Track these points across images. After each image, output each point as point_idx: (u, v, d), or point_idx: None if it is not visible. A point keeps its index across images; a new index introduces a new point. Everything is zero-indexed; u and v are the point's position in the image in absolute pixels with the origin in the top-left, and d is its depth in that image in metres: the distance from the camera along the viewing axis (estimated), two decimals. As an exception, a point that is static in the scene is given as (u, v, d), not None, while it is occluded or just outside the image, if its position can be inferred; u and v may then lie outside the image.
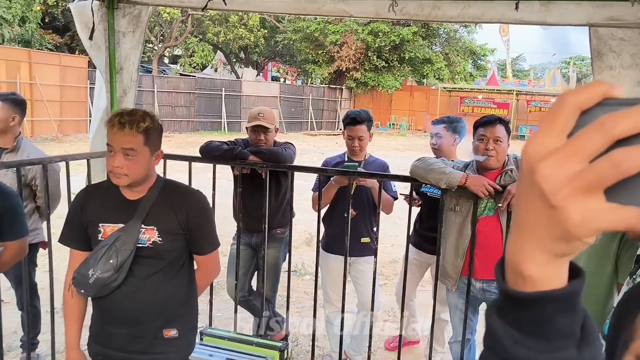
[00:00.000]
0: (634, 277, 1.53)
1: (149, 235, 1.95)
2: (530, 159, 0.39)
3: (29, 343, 3.20)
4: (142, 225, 1.95)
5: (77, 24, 3.22)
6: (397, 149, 19.43)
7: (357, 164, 3.27)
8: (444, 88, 28.94)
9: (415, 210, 3.56)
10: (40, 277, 3.53)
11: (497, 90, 28.30)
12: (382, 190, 3.12)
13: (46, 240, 3.21)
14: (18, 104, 3.36)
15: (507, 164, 2.93)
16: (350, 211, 3.12)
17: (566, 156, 0.37)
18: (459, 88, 29.47)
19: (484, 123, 2.91)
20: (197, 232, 2.03)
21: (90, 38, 3.15)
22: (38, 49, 20.82)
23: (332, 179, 3.29)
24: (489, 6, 2.78)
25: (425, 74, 30.10)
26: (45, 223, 3.23)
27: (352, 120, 3.40)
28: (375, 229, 3.34)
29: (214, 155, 3.30)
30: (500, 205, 2.79)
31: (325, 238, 3.50)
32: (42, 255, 3.44)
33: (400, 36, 27.26)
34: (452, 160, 3.14)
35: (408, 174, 2.97)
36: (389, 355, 3.88)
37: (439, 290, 3.08)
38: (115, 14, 3.19)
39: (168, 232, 1.97)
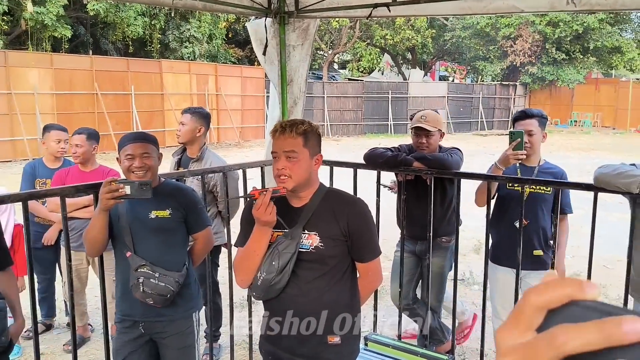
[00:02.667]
0: None
1: (312, 241, 2.02)
2: (497, 350, 0.39)
3: (212, 335, 3.52)
4: (305, 231, 2.03)
5: (253, 41, 3.46)
6: (580, 149, 17.74)
7: (522, 131, 2.98)
8: (638, 79, 25.65)
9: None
10: (221, 273, 3.86)
11: None
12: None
13: (226, 242, 3.49)
14: (204, 117, 3.71)
15: None
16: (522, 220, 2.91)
17: None
18: (656, 78, 25.94)
19: None
20: (357, 240, 2.05)
21: (264, 53, 3.36)
22: (223, 62, 23.01)
23: (497, 160, 3.05)
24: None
25: (613, 64, 27.02)
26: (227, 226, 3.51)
27: (522, 114, 3.19)
28: (550, 241, 3.06)
29: (379, 162, 3.30)
30: None
31: (492, 248, 3.30)
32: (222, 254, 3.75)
33: (585, 24, 24.88)
34: None
35: (591, 182, 2.66)
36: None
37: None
38: (286, 29, 3.36)
39: (329, 237, 2.02)
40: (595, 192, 2.70)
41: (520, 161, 3.02)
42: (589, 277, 2.81)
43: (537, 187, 3.10)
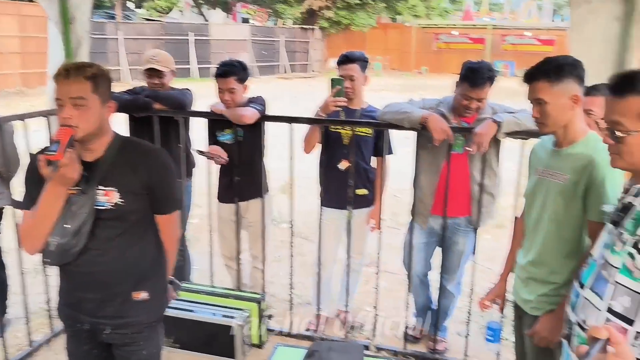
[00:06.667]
0: (620, 228, 1.50)
1: (110, 197, 1.86)
2: None
3: None
4: (101, 187, 1.86)
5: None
6: (373, 90, 19.06)
7: (342, 78, 3.07)
8: (419, 25, 28.37)
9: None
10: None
11: (472, 25, 27.87)
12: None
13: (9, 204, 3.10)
14: None
15: (482, 112, 2.84)
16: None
17: None
18: (433, 24, 28.94)
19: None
20: (159, 191, 1.95)
21: (37, -14, 2.93)
22: (-7, -3, 19.72)
23: (319, 107, 3.08)
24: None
25: (399, 11, 29.41)
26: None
27: (344, 58, 3.20)
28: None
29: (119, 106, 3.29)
30: (470, 150, 2.75)
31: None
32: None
33: (374, -29, 26.45)
34: (423, 100, 3.05)
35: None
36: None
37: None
38: (62, -42, 2.96)
39: (130, 192, 1.88)
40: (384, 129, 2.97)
41: (340, 108, 3.09)
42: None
43: (359, 129, 3.17)
